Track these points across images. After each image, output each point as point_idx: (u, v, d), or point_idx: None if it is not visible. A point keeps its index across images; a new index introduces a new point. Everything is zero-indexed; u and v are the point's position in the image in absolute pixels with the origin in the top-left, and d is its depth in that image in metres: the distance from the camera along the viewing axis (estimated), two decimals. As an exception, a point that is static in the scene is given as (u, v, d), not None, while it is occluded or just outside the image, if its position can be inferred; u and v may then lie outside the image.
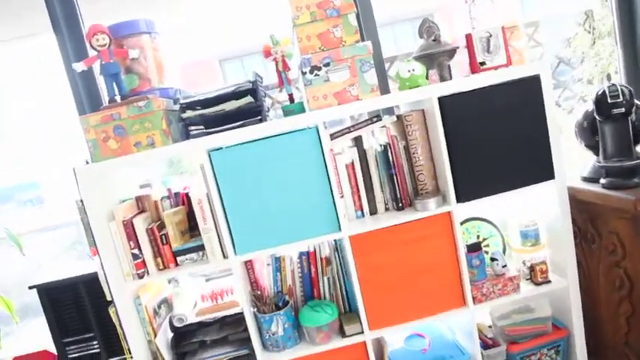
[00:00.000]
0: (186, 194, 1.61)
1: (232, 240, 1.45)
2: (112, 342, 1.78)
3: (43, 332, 1.85)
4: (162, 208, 1.56)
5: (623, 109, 1.38)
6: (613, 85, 1.40)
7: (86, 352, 1.80)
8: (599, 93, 1.42)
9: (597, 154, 1.53)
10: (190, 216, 1.59)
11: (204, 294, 1.69)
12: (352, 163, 1.54)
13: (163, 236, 1.46)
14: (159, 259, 1.48)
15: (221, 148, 1.42)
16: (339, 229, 1.46)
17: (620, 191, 1.39)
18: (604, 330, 1.62)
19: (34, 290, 1.75)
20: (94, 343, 1.79)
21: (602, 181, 1.47)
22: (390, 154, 1.54)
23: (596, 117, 1.46)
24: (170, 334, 1.59)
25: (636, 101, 1.43)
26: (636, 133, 1.46)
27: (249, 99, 1.39)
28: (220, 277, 1.84)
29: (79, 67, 1.44)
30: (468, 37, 1.51)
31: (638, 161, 1.42)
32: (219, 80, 7.16)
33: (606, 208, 1.46)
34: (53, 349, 1.84)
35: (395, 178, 1.54)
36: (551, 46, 3.25)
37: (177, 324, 1.57)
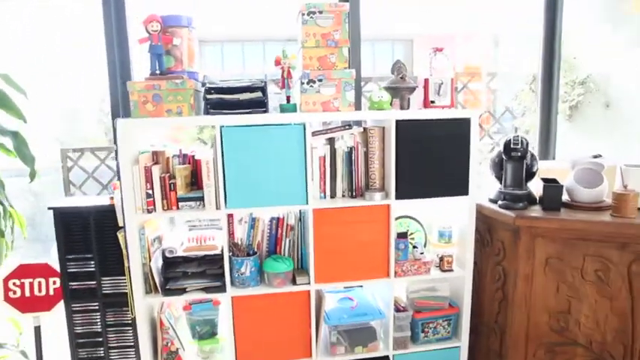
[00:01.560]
0: (192, 156, 2.05)
1: (225, 196, 1.91)
2: (106, 264, 2.19)
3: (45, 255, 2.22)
4: (172, 164, 2.00)
5: (519, 154, 1.94)
6: (516, 136, 1.97)
7: (83, 269, 2.20)
8: (507, 140, 1.98)
9: (501, 183, 2.09)
10: (192, 174, 2.04)
11: (190, 237, 2.13)
12: (324, 157, 2.03)
13: (172, 184, 1.90)
14: (165, 201, 1.91)
15: (231, 126, 1.88)
16: (307, 202, 1.95)
17: (508, 210, 1.95)
18: (483, 311, 2.18)
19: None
20: (91, 263, 2.19)
21: (499, 202, 2.03)
22: (353, 155, 2.04)
23: (503, 156, 2.02)
24: (161, 262, 2.02)
25: (530, 150, 2.01)
26: (528, 172, 2.04)
27: (259, 94, 1.87)
28: (202, 229, 2.29)
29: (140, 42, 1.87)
30: (426, 81, 2.04)
31: (525, 192, 1.99)
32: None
33: (498, 221, 2.02)
34: (55, 266, 2.22)
35: (353, 173, 2.05)
36: (503, 95, 3.86)
37: (167, 255, 2.01)
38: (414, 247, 2.12)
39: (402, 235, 2.09)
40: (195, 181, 2.05)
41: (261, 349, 2.07)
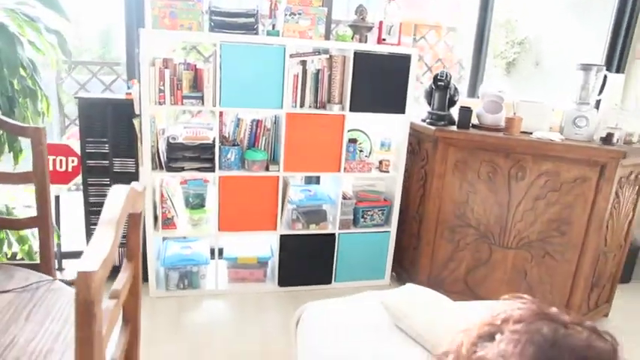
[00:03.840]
0: (195, 65, 2.60)
1: (220, 97, 2.49)
2: (118, 148, 2.75)
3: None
4: (179, 70, 2.55)
5: (443, 84, 2.60)
6: (443, 71, 2.61)
7: (99, 151, 2.75)
8: (436, 74, 2.62)
9: (430, 106, 2.75)
10: (194, 79, 2.60)
11: (188, 131, 2.71)
12: (297, 75, 2.62)
13: (179, 84, 2.47)
14: (172, 97, 2.48)
15: (228, 43, 2.43)
16: (282, 107, 2.56)
17: (432, 126, 2.62)
18: (409, 204, 2.89)
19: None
20: (106, 146, 2.75)
21: (427, 120, 2.69)
22: (320, 75, 2.64)
23: (432, 86, 2.67)
24: (165, 147, 2.61)
25: (453, 83, 2.66)
26: (451, 100, 2.70)
27: (252, 20, 2.43)
28: (196, 129, 2.86)
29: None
30: (380, 23, 2.64)
31: (446, 113, 2.66)
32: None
33: (425, 135, 2.69)
34: (75, 148, 2.76)
35: (319, 89, 2.66)
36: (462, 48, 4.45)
37: (171, 140, 2.59)
38: (361, 151, 2.78)
39: (353, 141, 2.74)
40: (196, 84, 2.60)
41: (238, 219, 2.72)
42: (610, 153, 2.39)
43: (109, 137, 2.73)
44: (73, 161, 2.79)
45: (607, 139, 2.49)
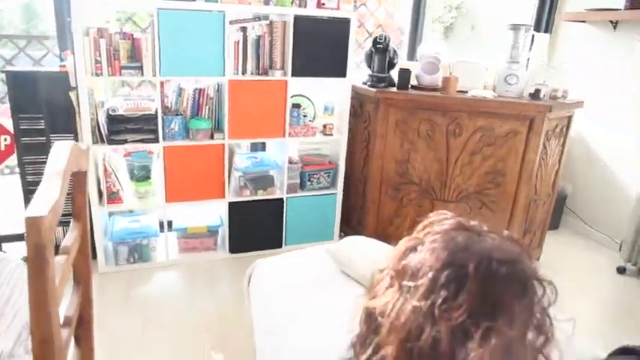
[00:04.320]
0: (132, 34, 2.53)
1: (160, 66, 2.44)
2: (55, 123, 2.65)
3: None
4: (115, 39, 2.47)
5: (382, 46, 2.66)
6: (382, 34, 2.67)
7: (34, 127, 2.65)
8: (375, 37, 2.68)
9: (370, 69, 2.82)
10: (132, 49, 2.53)
11: (129, 102, 2.65)
12: (238, 42, 2.61)
13: (116, 54, 2.40)
14: (110, 68, 2.41)
15: (165, 9, 2.38)
16: (224, 75, 2.55)
17: (373, 88, 2.69)
18: (354, 165, 2.98)
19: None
20: (42, 121, 2.64)
21: (368, 83, 2.76)
22: (261, 42, 2.64)
23: (372, 49, 2.73)
24: (105, 119, 2.55)
25: (392, 45, 2.73)
26: (390, 62, 2.77)
27: (188, -15, 2.38)
28: (136, 99, 2.81)
29: None
30: (318, -14, 2.65)
31: (386, 75, 2.74)
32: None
33: (366, 97, 2.76)
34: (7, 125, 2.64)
35: (260, 56, 2.66)
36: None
37: (111, 113, 2.53)
38: (305, 116, 2.83)
39: (296, 106, 2.78)
40: (134, 54, 2.54)
41: (185, 189, 2.71)
42: (538, 107, 2.55)
43: (45, 112, 2.63)
44: (5, 140, 2.68)
45: (535, 95, 2.65)
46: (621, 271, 3.04)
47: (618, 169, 3.33)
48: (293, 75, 2.65)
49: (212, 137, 2.67)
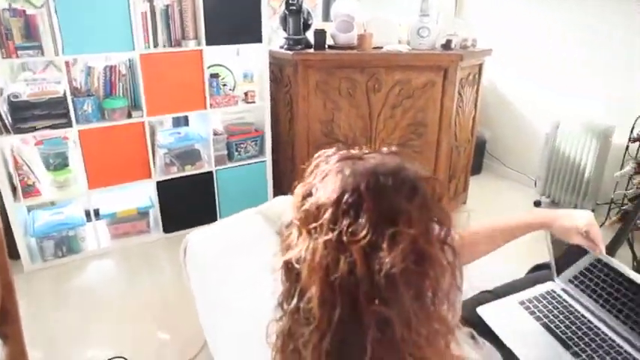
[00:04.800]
0: (24, 11, 2.34)
1: (62, 43, 2.29)
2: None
3: None
4: (4, 17, 2.27)
5: (295, 8, 2.64)
6: (293, -7, 2.65)
7: None
8: (286, -3, 2.65)
9: (286, 32, 2.79)
10: (26, 27, 2.34)
11: (32, 87, 2.47)
12: (145, 12, 2.48)
13: (8, 33, 2.22)
14: (3, 50, 2.23)
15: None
16: (133, 49, 2.43)
17: (290, 51, 2.67)
18: (280, 130, 2.97)
19: None
20: None
21: (285, 46, 2.74)
22: (169, 11, 2.53)
23: (286, 12, 2.70)
24: (7, 107, 2.36)
25: (305, 6, 2.71)
26: (305, 24, 2.76)
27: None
28: (40, 83, 2.62)
29: None
30: (222, -51, 2.57)
31: (302, 37, 2.72)
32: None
33: (285, 60, 2.74)
34: None
35: (171, 26, 2.55)
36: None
37: (12, 99, 2.35)
38: (224, 85, 2.77)
39: (214, 76, 2.71)
40: (30, 33, 2.35)
41: (108, 174, 2.60)
42: (450, 57, 2.65)
43: (-64, 106, 2.41)
44: None
45: (446, 46, 2.75)
46: (537, 204, 3.29)
47: (528, 113, 3.54)
48: (208, 44, 2.58)
49: (130, 116, 2.56)
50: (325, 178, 0.66)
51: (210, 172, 2.83)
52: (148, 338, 2.06)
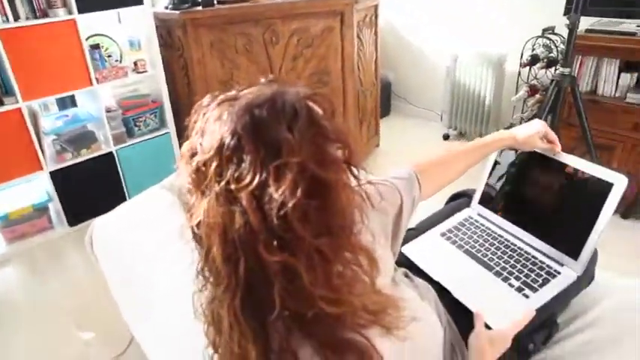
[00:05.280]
0: None
1: None
2: None
3: None
4: None
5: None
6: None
7: None
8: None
9: (168, -9, 2.57)
10: None
11: None
12: (-3, -18, 2.16)
13: None
14: None
15: None
16: (-9, 25, 2.12)
17: (176, 10, 2.46)
18: (179, 98, 2.78)
19: None
20: None
21: (170, 6, 2.52)
22: (27, -22, 2.22)
23: (163, -34, 2.47)
24: None
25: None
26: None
27: None
28: None
29: None
30: None
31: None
32: None
33: (172, 21, 2.53)
34: None
35: (32, -5, 2.25)
36: None
37: None
38: (109, 56, 2.52)
39: (95, 47, 2.45)
40: None
41: (-10, 171, 2.31)
42: (344, 0, 2.58)
43: None
44: None
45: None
46: (446, 137, 3.40)
47: (428, 49, 3.59)
48: (80, 11, 2.30)
49: (2, 103, 2.26)
50: (205, 129, 0.60)
51: (110, 153, 2.61)
52: (70, 341, 1.90)
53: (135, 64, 2.60)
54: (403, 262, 1.18)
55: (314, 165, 0.55)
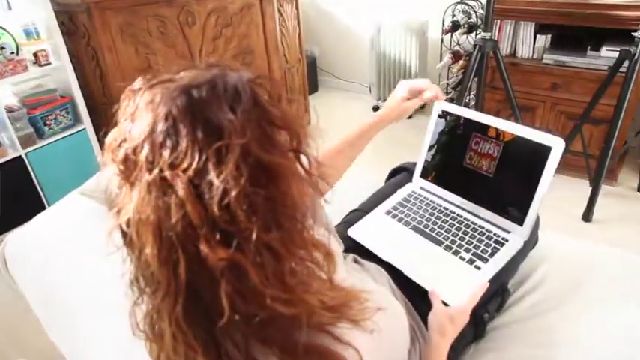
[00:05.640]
0: None
1: None
2: None
3: None
4: None
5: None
6: None
7: None
8: None
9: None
10: None
11: None
12: None
13: None
14: None
15: None
16: None
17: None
18: (94, 90, 2.56)
19: None
20: None
21: (68, -11, 2.29)
22: None
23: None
24: None
25: None
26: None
27: None
28: None
29: None
30: None
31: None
32: None
33: (73, 7, 2.30)
34: None
35: None
36: None
37: None
38: (2, 48, 2.26)
39: (-15, 41, 2.18)
40: None
41: None
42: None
43: None
44: None
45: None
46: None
47: (351, 20, 3.55)
48: (-38, 0, 2.04)
49: None
50: (135, 114, 0.53)
51: (19, 158, 2.36)
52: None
53: (35, 55, 2.35)
54: (350, 245, 1.14)
55: (259, 149, 0.50)
